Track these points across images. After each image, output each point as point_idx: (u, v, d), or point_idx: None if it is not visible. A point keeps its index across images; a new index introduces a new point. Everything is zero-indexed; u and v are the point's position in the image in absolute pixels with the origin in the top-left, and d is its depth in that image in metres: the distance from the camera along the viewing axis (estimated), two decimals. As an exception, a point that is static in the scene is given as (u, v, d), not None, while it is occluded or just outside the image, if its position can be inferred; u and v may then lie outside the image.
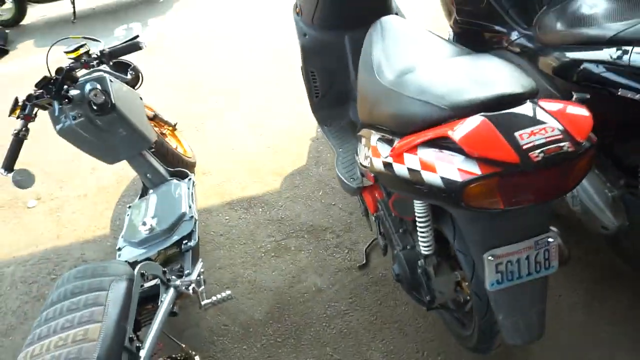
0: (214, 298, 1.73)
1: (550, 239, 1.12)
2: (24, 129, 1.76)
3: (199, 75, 3.60)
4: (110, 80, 1.87)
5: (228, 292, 1.73)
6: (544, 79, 1.61)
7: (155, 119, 2.33)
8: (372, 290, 1.89)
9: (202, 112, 3.15)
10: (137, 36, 1.97)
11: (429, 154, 1.04)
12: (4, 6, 4.78)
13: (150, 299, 1.64)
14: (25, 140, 1.78)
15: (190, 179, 2.21)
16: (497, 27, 2.14)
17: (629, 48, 1.28)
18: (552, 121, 0.96)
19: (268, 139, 2.80)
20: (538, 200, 1.01)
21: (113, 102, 1.82)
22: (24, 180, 1.76)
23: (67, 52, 1.85)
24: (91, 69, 1.91)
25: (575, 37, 1.50)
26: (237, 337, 1.84)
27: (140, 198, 2.21)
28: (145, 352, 1.32)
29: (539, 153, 0.91)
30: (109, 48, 1.91)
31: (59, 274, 2.21)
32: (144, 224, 1.94)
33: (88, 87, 1.79)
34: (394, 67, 1.37)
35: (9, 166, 1.75)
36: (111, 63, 2.03)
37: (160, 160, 2.23)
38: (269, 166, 2.61)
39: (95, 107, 1.80)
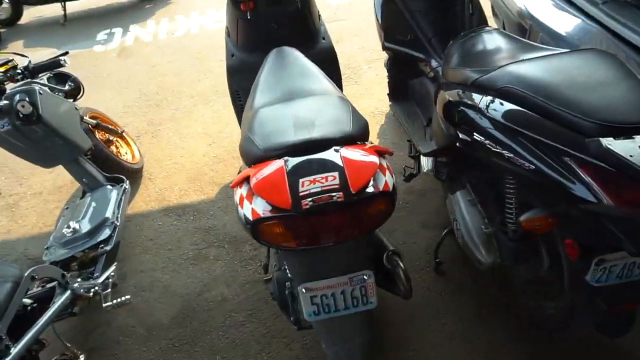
0: (114, 302, 1.86)
1: (365, 277, 1.19)
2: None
3: (167, 81, 3.75)
4: (40, 93, 2.01)
5: (127, 297, 1.85)
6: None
7: (98, 127, 2.46)
8: (271, 304, 1.98)
9: (162, 118, 3.29)
10: (66, 53, 2.11)
11: (243, 191, 1.13)
12: (1, 6, 5.02)
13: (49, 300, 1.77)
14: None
15: (122, 185, 2.34)
16: (419, 55, 2.20)
17: (481, 95, 1.33)
18: (337, 170, 1.03)
19: (216, 149, 2.92)
20: (329, 242, 1.09)
21: (40, 113, 1.96)
22: None
23: (-1, 65, 2.00)
24: (25, 82, 2.06)
25: (457, 76, 1.56)
26: (140, 338, 1.96)
27: (80, 199, 2.36)
28: (16, 350, 1.45)
29: (309, 201, 0.99)
30: (33, 64, 2.04)
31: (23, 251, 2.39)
32: (68, 226, 2.08)
33: (17, 98, 1.94)
34: (259, 101, 1.45)
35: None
36: (46, 76, 2.19)
37: (97, 166, 2.38)
38: (209, 175, 2.72)
39: (22, 117, 1.94)
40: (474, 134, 1.33)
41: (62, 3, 4.84)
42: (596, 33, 1.79)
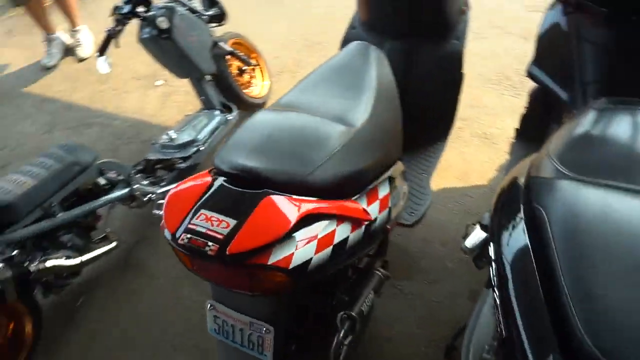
0: (158, 212, 2.10)
1: (263, 330, 1.08)
2: (114, 27, 2.26)
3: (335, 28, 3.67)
4: (179, 13, 2.21)
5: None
6: None
7: (232, 54, 2.62)
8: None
9: (309, 62, 3.30)
10: None
11: None
12: None
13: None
14: (114, 36, 2.29)
15: (228, 115, 2.52)
16: (564, 98, 1.72)
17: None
18: (239, 218, 0.91)
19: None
20: (218, 282, 1.00)
21: (172, 31, 2.17)
22: (105, 66, 2.32)
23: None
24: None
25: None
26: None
27: (195, 113, 2.63)
28: (65, 216, 1.80)
29: (187, 237, 0.91)
30: None
31: (121, 139, 2.90)
32: (167, 134, 2.36)
33: (158, 13, 2.18)
34: (283, 98, 1.33)
35: (101, 51, 2.32)
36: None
37: (218, 91, 2.58)
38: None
39: (159, 31, 2.18)
40: None
41: None
42: None
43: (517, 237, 0.88)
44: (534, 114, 1.95)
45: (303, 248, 0.94)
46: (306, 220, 0.95)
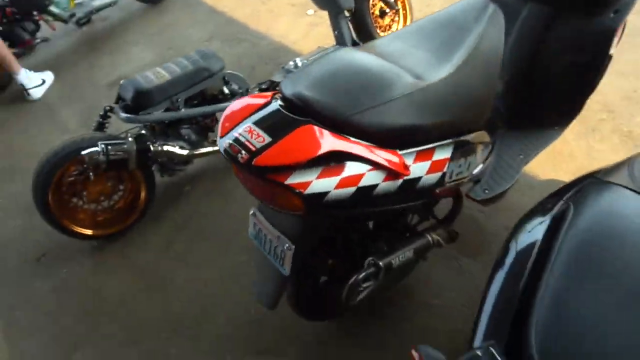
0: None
1: (286, 245, 1.18)
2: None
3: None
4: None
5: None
6: None
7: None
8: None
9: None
10: None
11: None
12: None
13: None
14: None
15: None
16: None
17: None
18: (275, 137, 0.98)
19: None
20: (249, 191, 1.11)
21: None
22: None
23: None
24: None
25: None
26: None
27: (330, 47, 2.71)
28: (182, 111, 2.10)
29: (228, 143, 1.01)
30: None
31: (262, 58, 3.12)
32: (294, 61, 2.50)
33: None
34: (377, 41, 1.33)
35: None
36: None
37: (353, 28, 2.60)
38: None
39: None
40: None
41: None
42: None
43: (537, 226, 0.81)
44: None
45: (323, 180, 0.98)
46: (336, 155, 0.99)
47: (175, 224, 2.23)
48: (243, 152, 0.99)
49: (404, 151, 1.10)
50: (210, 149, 2.23)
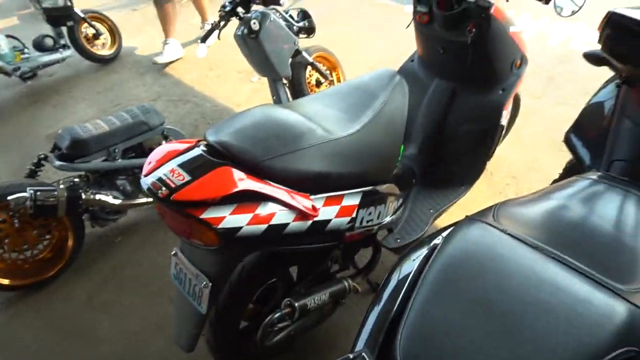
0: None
1: (203, 283, 1.23)
2: (218, 22, 2.62)
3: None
4: (270, 20, 2.49)
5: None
6: None
7: (312, 66, 2.85)
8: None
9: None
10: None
11: None
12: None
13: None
14: (217, 29, 2.65)
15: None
16: None
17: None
18: (193, 176, 1.08)
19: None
20: (168, 226, 1.18)
21: (259, 33, 2.46)
22: (203, 51, 2.69)
23: (251, -10, 2.55)
24: (271, 7, 2.57)
25: None
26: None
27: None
28: (118, 162, 2.15)
29: (151, 180, 1.09)
30: None
31: (205, 118, 3.26)
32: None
33: (253, 16, 2.48)
34: (307, 98, 1.51)
35: (203, 39, 2.70)
36: (296, 10, 2.66)
37: (290, 95, 2.82)
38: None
39: (249, 30, 2.49)
40: None
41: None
42: None
43: (417, 257, 0.94)
44: None
45: (236, 216, 1.08)
46: (249, 194, 1.10)
47: (103, 275, 2.19)
48: (163, 188, 1.07)
49: (315, 196, 1.23)
50: (144, 200, 2.27)
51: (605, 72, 1.73)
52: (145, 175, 1.14)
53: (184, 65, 4.14)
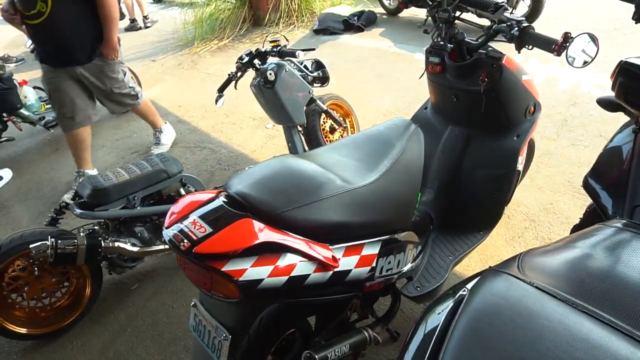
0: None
1: (223, 335, 1.22)
2: (235, 73, 2.72)
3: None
4: (286, 70, 2.58)
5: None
6: None
7: (326, 113, 2.91)
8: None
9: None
10: (313, 49, 2.59)
11: None
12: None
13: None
14: (234, 80, 2.75)
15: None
16: None
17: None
18: (215, 228, 1.09)
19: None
20: (190, 278, 1.18)
21: (275, 83, 2.55)
22: (221, 102, 2.77)
23: (270, 41, 2.65)
24: (287, 58, 2.66)
25: None
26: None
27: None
28: (139, 211, 2.18)
29: (173, 232, 1.11)
30: (284, 49, 2.57)
31: (221, 164, 3.32)
32: (249, 167, 2.69)
33: (269, 67, 2.58)
34: (323, 148, 1.54)
35: (220, 90, 2.80)
36: (310, 61, 2.75)
37: (305, 141, 2.87)
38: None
39: (265, 81, 2.58)
40: None
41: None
42: None
43: (443, 310, 0.93)
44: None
45: (257, 268, 1.08)
46: (270, 246, 1.10)
47: (119, 324, 2.18)
48: (185, 241, 1.08)
49: (335, 246, 1.23)
50: (162, 247, 2.28)
51: (618, 115, 1.74)
52: (168, 227, 1.15)
53: (200, 113, 4.26)
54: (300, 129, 2.85)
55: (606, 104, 1.73)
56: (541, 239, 2.32)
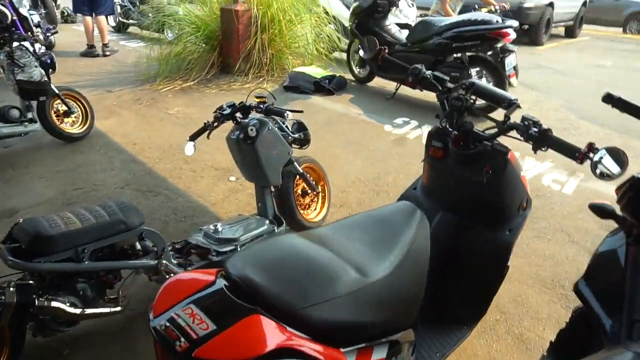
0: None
1: None
2: (212, 122, 2.56)
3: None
4: (268, 129, 2.46)
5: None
6: None
7: (301, 177, 2.80)
8: None
9: (370, 204, 3.39)
10: (301, 111, 2.54)
11: None
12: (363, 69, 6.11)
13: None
14: (209, 129, 2.57)
15: (276, 228, 2.60)
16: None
17: None
18: (220, 325, 0.90)
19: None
20: None
21: (255, 140, 2.41)
22: (191, 150, 2.57)
23: (256, 96, 2.55)
24: (271, 116, 2.55)
25: None
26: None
27: (250, 215, 2.76)
28: (88, 265, 1.88)
29: (165, 324, 0.91)
30: (271, 107, 2.47)
31: (177, 215, 3.05)
32: (215, 225, 2.47)
33: (252, 122, 2.44)
34: (333, 225, 1.39)
35: (192, 137, 2.60)
36: (292, 122, 2.67)
37: (276, 203, 2.71)
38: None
39: (246, 136, 2.43)
40: None
41: (399, 84, 5.31)
42: None
43: None
44: (573, 333, 1.80)
45: None
46: (283, 351, 0.92)
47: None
48: (183, 339, 0.88)
49: (346, 349, 1.07)
50: (105, 309, 1.97)
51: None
52: (156, 316, 0.94)
53: (157, 154, 3.99)
54: (272, 189, 2.70)
55: (598, 211, 1.75)
56: (512, 334, 2.27)
